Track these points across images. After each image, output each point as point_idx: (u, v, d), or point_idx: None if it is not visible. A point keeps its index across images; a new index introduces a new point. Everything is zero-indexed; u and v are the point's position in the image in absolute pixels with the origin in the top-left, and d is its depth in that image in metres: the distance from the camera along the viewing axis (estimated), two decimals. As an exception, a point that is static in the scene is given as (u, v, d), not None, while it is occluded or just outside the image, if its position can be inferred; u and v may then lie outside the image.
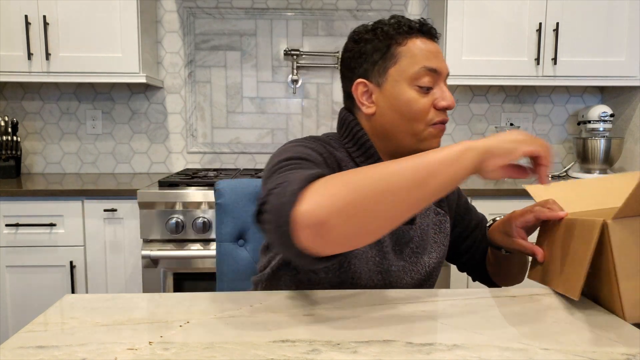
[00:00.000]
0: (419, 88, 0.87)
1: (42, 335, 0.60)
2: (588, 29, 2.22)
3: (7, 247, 1.95)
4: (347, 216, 0.63)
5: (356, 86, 0.91)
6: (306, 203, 0.63)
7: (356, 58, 0.92)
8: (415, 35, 0.89)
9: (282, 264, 0.91)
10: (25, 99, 2.48)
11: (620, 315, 0.68)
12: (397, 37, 0.88)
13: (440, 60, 0.89)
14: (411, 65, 0.87)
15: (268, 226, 0.67)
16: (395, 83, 0.88)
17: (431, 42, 0.90)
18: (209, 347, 0.57)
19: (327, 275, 0.87)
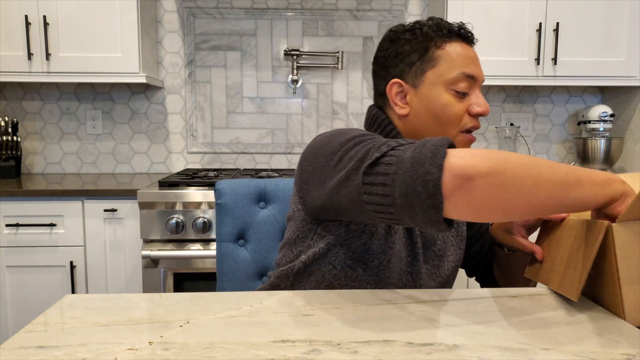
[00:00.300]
0: (456, 93, 0.87)
1: (42, 335, 0.60)
2: (588, 29, 2.22)
3: (7, 247, 1.95)
4: (495, 183, 0.63)
5: (391, 86, 0.90)
6: (456, 157, 0.64)
7: (392, 57, 0.91)
8: (455, 39, 0.89)
9: (317, 258, 0.87)
10: (26, 99, 2.48)
11: (621, 317, 0.68)
12: (437, 40, 0.88)
13: (478, 66, 0.89)
14: (450, 70, 0.87)
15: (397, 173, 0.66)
16: (431, 86, 0.88)
17: (470, 48, 0.90)
18: (209, 347, 0.57)
19: (365, 272, 0.85)
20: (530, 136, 2.63)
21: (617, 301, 0.68)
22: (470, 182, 0.63)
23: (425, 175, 0.64)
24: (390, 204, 0.68)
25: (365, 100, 2.56)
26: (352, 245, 0.85)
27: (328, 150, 0.79)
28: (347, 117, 2.56)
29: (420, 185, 0.64)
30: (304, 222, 0.88)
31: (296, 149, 2.57)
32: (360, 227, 0.84)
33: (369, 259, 0.85)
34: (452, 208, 0.65)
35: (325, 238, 0.86)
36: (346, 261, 0.85)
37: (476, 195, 0.64)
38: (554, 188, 0.65)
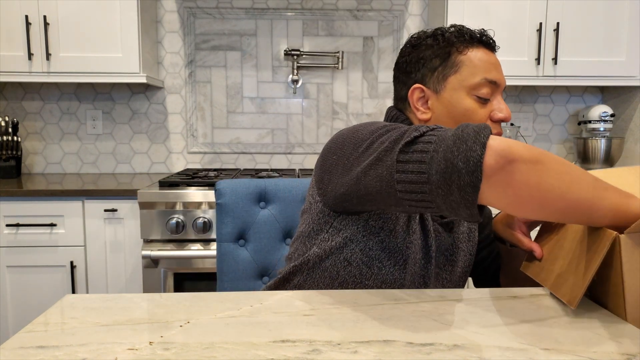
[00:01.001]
0: (478, 98, 0.87)
1: (43, 335, 0.60)
2: (588, 29, 2.22)
3: (7, 247, 1.95)
4: (535, 170, 0.64)
5: (413, 91, 0.91)
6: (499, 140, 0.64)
7: (414, 63, 0.92)
8: (477, 45, 0.89)
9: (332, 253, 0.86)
10: (26, 99, 2.48)
11: None
12: (459, 45, 0.89)
13: (500, 72, 0.89)
14: (472, 75, 0.87)
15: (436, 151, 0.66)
16: (454, 91, 0.88)
17: (491, 54, 0.90)
18: (210, 347, 0.57)
19: (381, 271, 0.84)
20: (530, 136, 2.63)
21: (620, 311, 0.68)
22: (512, 164, 0.63)
23: (467, 152, 0.63)
24: (425, 182, 0.66)
25: (366, 100, 2.56)
26: (370, 242, 0.84)
27: (357, 138, 0.78)
28: (347, 117, 2.56)
29: (462, 161, 0.63)
30: (321, 214, 0.87)
31: (296, 149, 2.57)
32: (379, 224, 0.84)
33: (386, 257, 0.84)
34: (490, 189, 0.64)
35: (342, 232, 0.85)
36: (362, 258, 0.84)
37: (516, 179, 0.63)
38: (587, 189, 0.66)
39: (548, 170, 0.64)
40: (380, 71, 2.55)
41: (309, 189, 0.92)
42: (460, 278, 0.97)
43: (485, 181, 0.64)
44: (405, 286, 0.87)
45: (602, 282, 0.72)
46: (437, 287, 0.93)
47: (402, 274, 0.85)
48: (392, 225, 0.84)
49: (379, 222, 0.84)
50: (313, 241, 0.89)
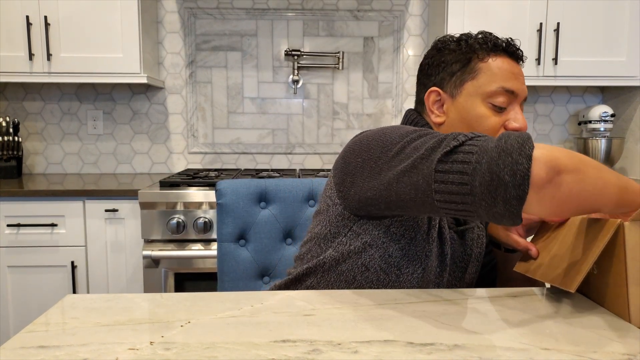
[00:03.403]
0: (493, 106, 0.87)
1: (44, 335, 0.60)
2: (589, 29, 2.22)
3: (8, 247, 1.95)
4: (578, 180, 0.64)
5: (429, 94, 0.91)
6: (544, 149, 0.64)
7: (435, 66, 0.92)
8: (500, 53, 0.89)
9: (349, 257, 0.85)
10: (27, 99, 2.48)
11: (626, 319, 0.67)
12: (480, 52, 0.88)
13: (520, 82, 0.88)
14: (489, 83, 0.87)
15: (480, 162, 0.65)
16: (469, 97, 0.88)
17: (514, 63, 0.89)
18: (210, 347, 0.57)
19: (399, 278, 0.84)
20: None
21: (622, 302, 0.68)
22: (559, 175, 0.63)
23: (514, 165, 0.63)
24: (468, 193, 0.66)
25: (366, 101, 2.56)
26: (390, 248, 0.83)
27: (384, 142, 0.77)
28: (347, 118, 2.56)
29: (508, 175, 0.63)
30: (340, 217, 0.86)
31: (297, 149, 2.57)
32: (401, 231, 0.83)
33: (404, 265, 0.83)
34: (537, 201, 0.64)
35: (361, 237, 0.84)
36: (381, 264, 0.83)
37: (562, 190, 0.64)
38: (615, 190, 0.67)
39: (587, 179, 0.65)
40: (380, 71, 2.55)
41: (325, 190, 0.90)
42: (469, 285, 0.96)
43: (532, 193, 0.63)
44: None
45: (602, 276, 0.72)
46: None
47: (420, 282, 0.84)
48: (413, 233, 0.83)
49: (401, 229, 0.83)
50: (329, 244, 0.87)
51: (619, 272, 0.68)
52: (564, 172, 0.63)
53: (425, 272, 0.84)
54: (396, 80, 2.56)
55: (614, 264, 0.69)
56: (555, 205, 0.65)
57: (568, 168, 0.64)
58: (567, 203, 0.65)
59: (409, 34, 2.54)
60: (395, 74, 2.56)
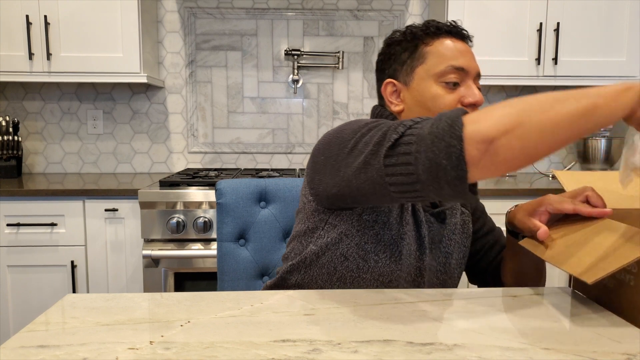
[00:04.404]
0: (445, 84, 0.89)
1: (43, 335, 0.60)
2: (588, 29, 2.22)
3: (8, 246, 1.95)
4: (515, 136, 0.65)
5: (385, 86, 0.95)
6: (473, 123, 0.66)
7: (386, 60, 0.96)
8: (444, 35, 0.92)
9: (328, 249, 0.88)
10: (27, 99, 2.48)
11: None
12: (425, 38, 0.92)
13: (469, 59, 0.91)
14: (438, 64, 0.89)
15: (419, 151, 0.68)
16: (421, 81, 0.90)
17: (460, 42, 0.92)
18: (210, 346, 0.57)
19: (377, 264, 0.86)
20: (530, 136, 2.62)
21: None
22: (493, 144, 0.65)
23: (447, 149, 0.66)
24: (416, 181, 0.69)
25: (366, 100, 2.56)
26: (365, 236, 0.86)
27: (341, 139, 0.80)
28: (347, 117, 2.56)
29: (444, 159, 0.66)
30: (315, 212, 0.89)
31: (297, 149, 2.57)
32: (373, 217, 0.86)
33: (381, 250, 0.86)
34: (480, 173, 0.67)
35: (337, 228, 0.87)
36: (358, 252, 0.86)
37: (501, 155, 0.65)
38: (572, 122, 0.66)
39: (529, 130, 0.65)
40: (380, 71, 2.55)
41: (302, 189, 0.94)
42: (455, 270, 0.97)
43: (472, 169, 0.66)
44: (401, 278, 0.87)
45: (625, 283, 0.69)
46: (432, 279, 0.93)
47: (398, 266, 0.86)
48: (385, 218, 0.86)
49: (373, 216, 0.86)
50: (309, 239, 0.91)
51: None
52: (496, 139, 0.65)
53: (404, 256, 0.87)
54: (396, 80, 2.56)
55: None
56: (504, 166, 0.67)
57: (500, 132, 0.65)
58: (515, 159, 0.66)
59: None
60: (395, 73, 2.55)
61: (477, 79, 0.92)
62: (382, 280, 0.87)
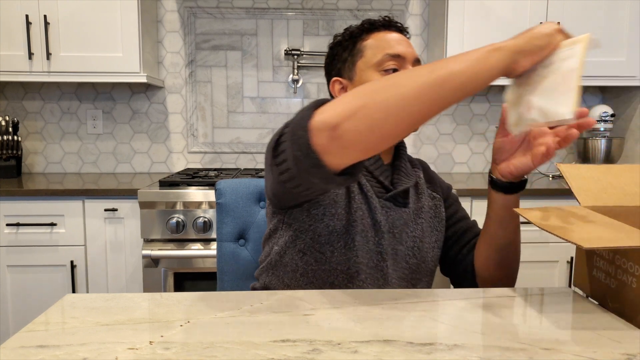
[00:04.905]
0: (385, 72, 0.93)
1: (43, 335, 0.60)
2: (589, 29, 2.22)
3: (7, 246, 1.95)
4: (358, 119, 0.67)
5: (332, 85, 1.00)
6: (320, 113, 0.69)
7: (331, 62, 1.02)
8: (378, 29, 0.98)
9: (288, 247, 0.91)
10: (26, 98, 2.48)
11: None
12: (361, 34, 0.97)
13: (404, 46, 0.95)
14: (375, 54, 0.94)
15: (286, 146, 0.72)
16: (363, 73, 0.95)
17: (395, 33, 0.97)
18: (210, 346, 0.57)
19: (333, 254, 0.89)
20: (530, 136, 2.62)
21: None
22: (336, 129, 0.67)
23: (298, 140, 0.70)
24: (294, 176, 0.73)
25: (366, 100, 2.56)
26: (317, 229, 0.89)
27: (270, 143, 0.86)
28: (347, 117, 2.56)
29: (298, 150, 0.70)
30: (274, 214, 0.95)
31: (297, 149, 2.57)
32: (321, 211, 0.89)
33: (335, 240, 0.89)
34: (334, 158, 0.69)
35: (292, 225, 0.91)
36: (314, 245, 0.90)
37: (348, 138, 0.68)
38: (422, 94, 0.67)
39: (371, 110, 0.67)
40: (380, 71, 2.55)
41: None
42: (428, 253, 0.98)
43: (326, 155, 0.69)
44: (361, 264, 0.90)
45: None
46: (400, 264, 0.94)
47: (354, 252, 0.89)
48: (333, 210, 0.90)
49: (320, 209, 0.89)
50: (273, 240, 0.95)
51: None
52: (339, 124, 0.67)
53: (358, 243, 0.89)
54: (396, 80, 2.56)
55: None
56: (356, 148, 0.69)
57: (343, 117, 0.67)
58: (366, 140, 0.68)
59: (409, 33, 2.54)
60: (395, 73, 2.56)
61: (416, 64, 0.96)
62: (341, 269, 0.89)
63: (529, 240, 2.01)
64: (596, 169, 0.84)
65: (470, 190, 2.00)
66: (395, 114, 0.67)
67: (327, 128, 0.68)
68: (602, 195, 0.79)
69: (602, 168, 0.84)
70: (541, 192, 2.00)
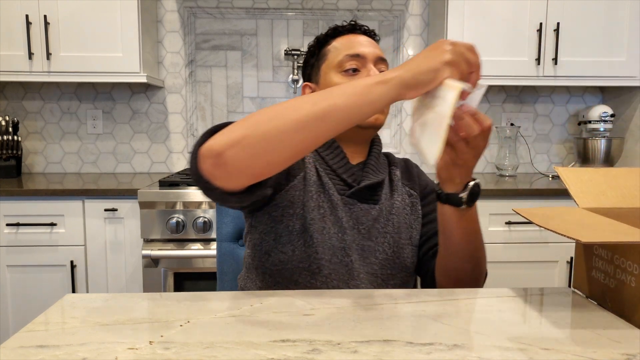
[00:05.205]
0: (345, 72, 0.96)
1: (43, 335, 0.60)
2: (588, 29, 2.22)
3: (7, 246, 1.95)
4: (241, 148, 0.70)
5: (303, 90, 1.04)
6: (210, 140, 0.73)
7: (303, 69, 1.07)
8: (343, 34, 1.01)
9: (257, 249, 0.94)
10: (26, 98, 2.48)
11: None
12: (326, 39, 1.02)
13: (365, 46, 0.97)
14: (336, 57, 0.97)
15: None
16: (326, 75, 0.98)
17: (358, 36, 1.00)
18: (210, 346, 0.57)
19: (294, 252, 0.91)
20: (530, 136, 2.63)
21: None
22: (220, 157, 0.71)
23: (191, 165, 0.75)
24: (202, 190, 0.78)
25: (366, 100, 2.56)
26: (278, 230, 0.92)
27: None
28: (347, 117, 2.56)
29: (192, 174, 0.76)
30: (245, 218, 0.98)
31: (296, 149, 2.57)
32: (279, 212, 0.92)
33: (294, 239, 0.91)
34: (222, 182, 0.74)
35: (258, 228, 0.94)
36: (277, 246, 0.92)
37: (232, 165, 0.71)
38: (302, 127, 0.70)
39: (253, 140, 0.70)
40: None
41: None
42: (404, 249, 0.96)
43: (214, 180, 0.74)
44: (323, 260, 0.91)
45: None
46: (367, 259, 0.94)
47: (314, 249, 0.90)
48: (291, 211, 0.92)
49: (279, 211, 0.92)
50: (247, 244, 0.99)
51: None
52: (223, 152, 0.71)
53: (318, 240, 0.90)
54: (396, 80, 2.56)
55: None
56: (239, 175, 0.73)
57: (227, 146, 0.71)
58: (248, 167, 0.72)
59: (409, 33, 2.54)
60: (395, 73, 2.55)
61: (379, 63, 0.98)
62: (303, 267, 0.91)
63: (529, 240, 2.01)
64: (595, 172, 0.84)
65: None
66: (277, 145, 0.70)
67: (212, 155, 0.71)
68: (600, 197, 0.79)
69: (601, 171, 0.84)
70: (541, 192, 2.00)
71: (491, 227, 2.01)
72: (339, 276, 0.92)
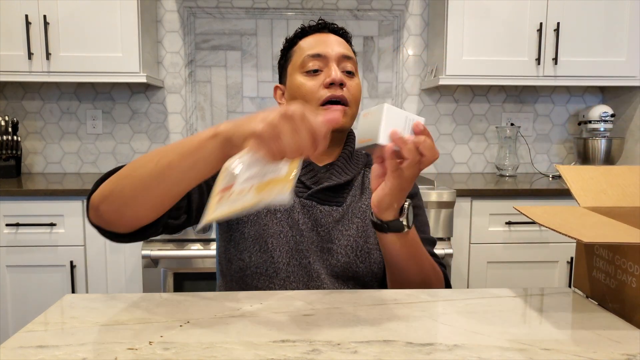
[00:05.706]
0: (306, 73, 0.96)
1: (43, 335, 0.60)
2: (589, 29, 2.22)
3: (7, 246, 1.95)
4: (110, 202, 0.75)
5: (274, 91, 1.05)
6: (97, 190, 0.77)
7: (278, 72, 1.07)
8: (310, 34, 1.00)
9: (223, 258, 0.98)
10: (26, 98, 2.48)
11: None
12: (294, 40, 1.02)
13: (327, 45, 0.96)
14: (298, 58, 0.98)
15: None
16: (291, 77, 0.99)
17: (324, 35, 0.99)
18: (209, 347, 0.57)
19: (251, 258, 0.93)
20: (530, 136, 2.63)
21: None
22: (96, 210, 0.77)
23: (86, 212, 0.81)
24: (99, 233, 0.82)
25: (366, 100, 2.56)
26: (235, 237, 0.95)
27: None
28: (347, 117, 2.56)
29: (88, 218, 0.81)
30: (216, 227, 1.02)
31: (296, 149, 2.57)
32: (235, 220, 0.95)
33: (250, 245, 0.93)
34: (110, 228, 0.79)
35: (222, 237, 0.98)
36: (236, 254, 0.94)
37: (105, 217, 0.77)
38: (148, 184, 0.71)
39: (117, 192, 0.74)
40: (380, 71, 2.55)
41: None
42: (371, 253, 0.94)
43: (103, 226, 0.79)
44: (279, 263, 0.92)
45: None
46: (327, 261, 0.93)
47: (269, 254, 0.92)
48: (245, 218, 0.94)
49: (235, 219, 0.94)
50: (217, 251, 1.03)
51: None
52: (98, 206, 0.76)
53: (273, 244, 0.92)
54: (396, 79, 2.56)
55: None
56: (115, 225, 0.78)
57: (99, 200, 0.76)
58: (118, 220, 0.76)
59: (409, 33, 2.54)
60: (395, 73, 2.56)
61: (344, 61, 0.96)
62: (261, 272, 0.92)
63: (529, 241, 2.01)
64: (595, 170, 0.84)
65: (471, 191, 2.00)
66: (134, 201, 0.73)
67: (92, 208, 0.77)
68: (601, 196, 0.79)
69: (602, 169, 0.84)
70: (541, 192, 2.00)
71: (491, 227, 2.01)
72: (297, 278, 0.92)
